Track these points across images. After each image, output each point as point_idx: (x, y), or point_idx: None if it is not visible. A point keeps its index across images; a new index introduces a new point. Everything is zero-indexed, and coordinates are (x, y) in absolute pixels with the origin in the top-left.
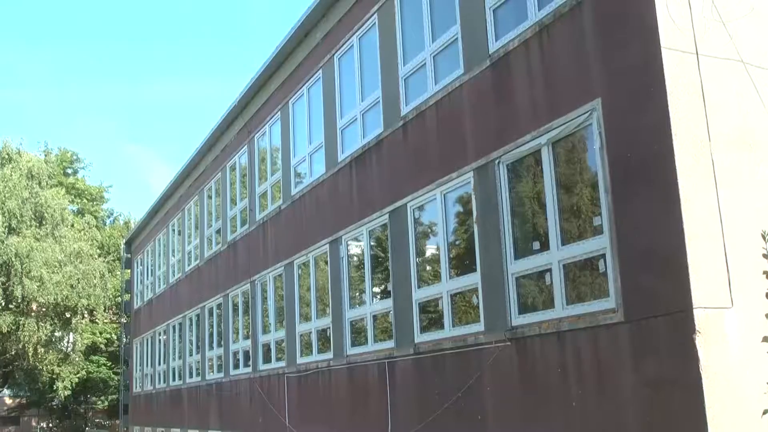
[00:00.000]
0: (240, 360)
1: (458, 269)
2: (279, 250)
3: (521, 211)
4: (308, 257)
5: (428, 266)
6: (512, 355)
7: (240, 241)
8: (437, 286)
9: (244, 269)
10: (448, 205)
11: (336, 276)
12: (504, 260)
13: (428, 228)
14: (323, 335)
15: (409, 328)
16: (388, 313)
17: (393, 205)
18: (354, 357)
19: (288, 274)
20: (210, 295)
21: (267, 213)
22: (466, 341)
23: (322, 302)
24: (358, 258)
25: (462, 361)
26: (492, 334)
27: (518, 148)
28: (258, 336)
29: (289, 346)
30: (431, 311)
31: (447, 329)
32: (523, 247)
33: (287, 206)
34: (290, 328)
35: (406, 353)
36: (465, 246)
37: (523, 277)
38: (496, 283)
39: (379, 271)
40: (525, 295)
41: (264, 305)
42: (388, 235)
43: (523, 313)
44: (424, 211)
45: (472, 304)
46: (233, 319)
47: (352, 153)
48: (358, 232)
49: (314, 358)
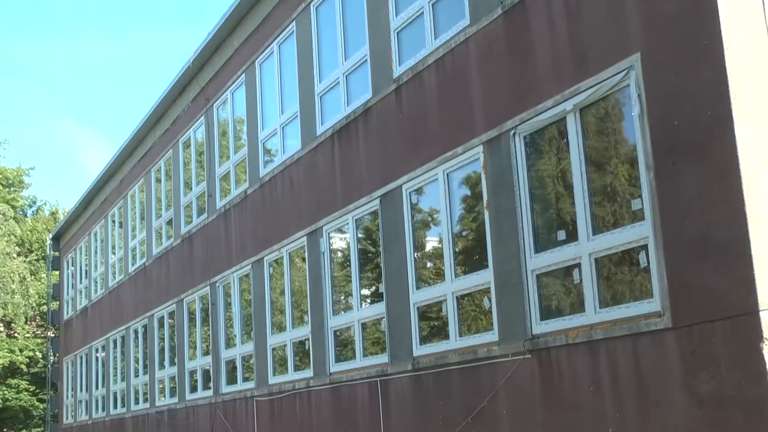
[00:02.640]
0: (198, 381)
1: (466, 266)
2: (245, 244)
3: (543, 194)
4: (282, 253)
5: (429, 262)
6: (533, 370)
7: (197, 234)
8: (440, 286)
9: (202, 269)
10: (453, 187)
11: (316, 275)
12: (522, 254)
13: (428, 215)
14: (301, 349)
15: (406, 339)
16: (380, 321)
17: (385, 187)
18: (339, 375)
19: (257, 273)
20: (160, 301)
21: (230, 199)
22: (477, 354)
23: (299, 308)
24: (342, 253)
25: (471, 379)
26: (508, 344)
27: (538, 116)
28: (220, 351)
29: (258, 363)
30: (433, 318)
31: (453, 339)
32: (546, 237)
33: (255, 191)
34: (260, 340)
35: (403, 369)
36: (474, 237)
37: (546, 275)
38: (512, 283)
39: (369, 269)
40: (548, 296)
41: (228, 313)
42: (380, 225)
43: (547, 318)
44: (423, 194)
45: (483, 309)
46: (189, 330)
47: (334, 124)
48: (343, 222)
49: (290, 377)
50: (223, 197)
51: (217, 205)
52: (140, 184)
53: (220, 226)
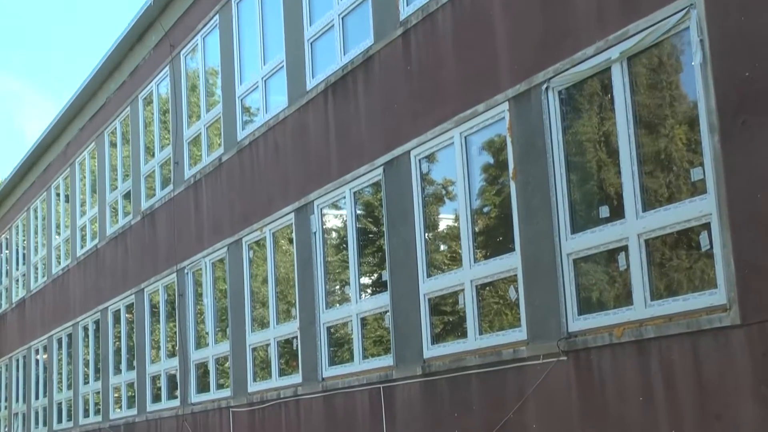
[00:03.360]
0: (162, 389)
1: (487, 249)
2: (220, 222)
3: (581, 162)
4: (264, 233)
5: (442, 245)
6: (569, 375)
7: (161, 209)
8: (456, 273)
9: (167, 252)
10: (472, 153)
11: (306, 260)
12: (556, 235)
13: (442, 188)
14: (287, 349)
15: (415, 338)
16: (383, 315)
17: (389, 153)
18: (334, 381)
19: (234, 258)
20: (116, 292)
21: (201, 167)
22: (501, 356)
23: (284, 300)
24: (338, 233)
25: (494, 386)
26: (539, 344)
27: (576, 67)
28: (189, 352)
29: (236, 367)
30: (447, 311)
31: (471, 338)
32: (585, 214)
33: (231, 157)
34: (238, 339)
35: (411, 374)
36: (497, 214)
37: (585, 260)
38: (544, 269)
39: (370, 253)
40: (588, 286)
41: (198, 306)
42: (383, 199)
43: (586, 313)
44: (437, 162)
45: (508, 301)
46: (152, 327)
47: (328, 77)
48: (338, 195)
49: (274, 384)
50: (192, 165)
51: (185, 174)
52: (91, 149)
53: (189, 201)
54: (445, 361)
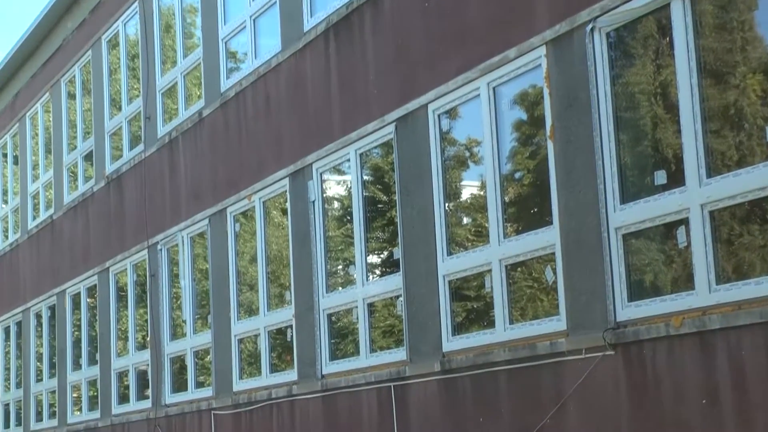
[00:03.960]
0: (131, 387)
1: (519, 222)
2: (200, 189)
3: (633, 119)
4: (253, 202)
5: (465, 217)
6: (617, 372)
7: (129, 174)
8: (482, 251)
9: (137, 225)
10: (501, 106)
11: (302, 235)
12: (602, 205)
13: (465, 149)
14: (280, 340)
15: (433, 327)
16: (394, 300)
17: (403, 107)
18: (335, 378)
19: (217, 232)
20: (75, 272)
21: (177, 123)
22: (536, 349)
23: (277, 281)
24: (341, 203)
25: (527, 386)
26: (581, 336)
27: (628, 3)
28: (163, 343)
29: (219, 362)
30: (471, 297)
31: (500, 328)
32: (637, 181)
33: (214, 112)
34: (221, 328)
35: (428, 371)
36: (532, 181)
37: (637, 236)
38: (587, 247)
39: (379, 226)
40: (640, 266)
41: (174, 288)
42: (395, 162)
43: (637, 299)
44: (459, 118)
45: (543, 285)
46: (118, 314)
47: (329, 16)
48: (341, 157)
49: (264, 382)
50: (167, 121)
51: (158, 132)
52: (44, 101)
53: (163, 163)
54: (468, 355)
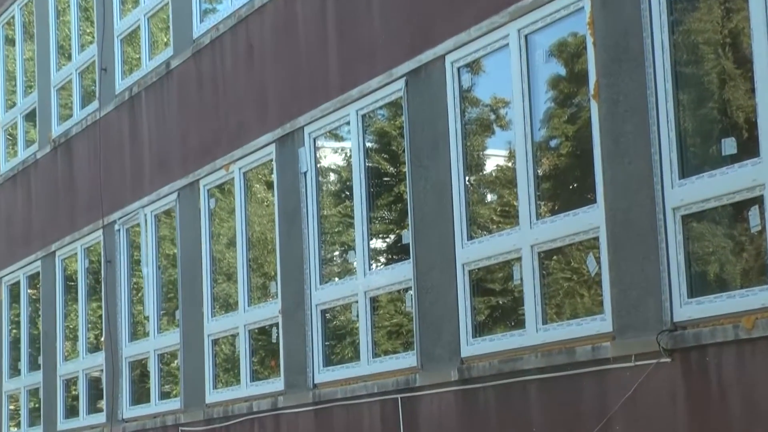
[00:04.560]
0: (81, 398)
1: (555, 200)
2: (168, 156)
3: (695, 75)
4: (231, 172)
5: (489, 193)
6: (675, 383)
7: (80, 137)
8: (510, 235)
9: (89, 199)
10: (535, 58)
11: (291, 213)
12: (657, 180)
13: (490, 110)
14: (263, 342)
15: (450, 327)
16: (402, 294)
17: (415, 59)
18: (330, 388)
19: (187, 209)
20: (13, 256)
21: (140, 77)
22: (574, 355)
23: (260, 270)
24: (338, 175)
25: (564, 398)
26: (630, 339)
27: None
28: (121, 344)
29: (188, 367)
30: (496, 291)
31: (531, 329)
32: (700, 151)
33: (184, 62)
34: (191, 326)
35: (443, 380)
36: (571, 149)
37: (699, 217)
38: (638, 230)
39: (385, 204)
40: (702, 255)
41: (134, 278)
42: (405, 126)
43: (699, 294)
44: (483, 72)
45: (585, 276)
46: (66, 308)
47: None
48: (339, 119)
49: (243, 392)
50: (127, 74)
51: (116, 86)
52: None
53: (123, 125)
54: (492, 361)
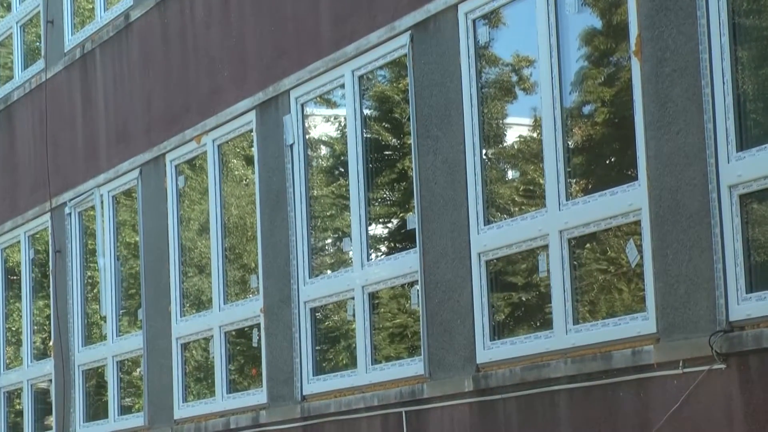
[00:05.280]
0: (27, 412)
1: (589, 178)
2: (127, 125)
3: (757, 27)
4: (204, 146)
5: (510, 170)
6: (731, 393)
7: (23, 103)
8: (534, 219)
9: (35, 177)
10: (564, 9)
11: (275, 194)
12: (710, 154)
13: (512, 70)
14: (243, 347)
15: (463, 328)
16: (407, 289)
17: (422, 8)
18: (322, 401)
19: (150, 188)
20: None
21: (93, 31)
22: (611, 361)
23: (238, 262)
24: (331, 148)
25: (600, 412)
26: (677, 341)
27: None
28: (73, 350)
29: (153, 376)
30: (519, 286)
31: (559, 330)
32: (763, 119)
33: (146, 14)
34: (156, 328)
35: (455, 390)
36: (608, 117)
37: (760, 197)
38: (687, 212)
39: (386, 183)
40: (764, 242)
41: (89, 271)
42: (410, 89)
43: (760, 289)
44: (503, 26)
45: (624, 267)
46: (7, 307)
47: None
48: (332, 81)
49: (219, 406)
50: (78, 27)
51: (65, 42)
52: None
53: (74, 89)
54: (513, 368)
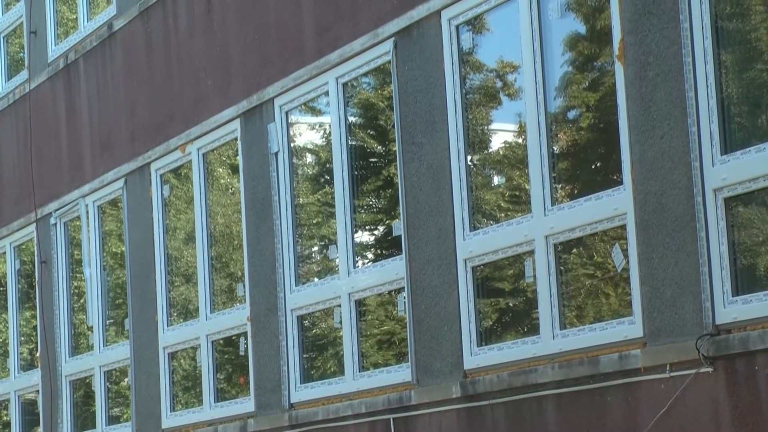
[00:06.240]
0: (14, 423)
1: (574, 182)
2: (111, 135)
3: (741, 30)
4: (189, 155)
5: (496, 175)
6: (717, 397)
7: (6, 114)
8: (520, 224)
9: (19, 188)
10: (548, 13)
11: (260, 202)
12: (694, 157)
13: (496, 76)
14: (230, 356)
15: (450, 335)
16: (394, 296)
17: (405, 15)
18: (309, 408)
19: (136, 198)
20: None
21: (77, 41)
22: (598, 366)
23: (224, 270)
24: (316, 156)
25: (587, 417)
26: (664, 345)
27: None
28: (60, 361)
29: (141, 386)
30: (505, 291)
31: (546, 335)
32: (748, 122)
33: (130, 23)
34: (144, 337)
35: (443, 397)
36: (593, 122)
37: (746, 201)
38: (672, 216)
39: (372, 190)
40: (750, 246)
41: (75, 280)
42: (394, 96)
43: (746, 292)
44: (487, 31)
45: (610, 271)
46: None
47: None
48: (316, 89)
49: (207, 415)
50: (61, 37)
51: (49, 53)
52: None
53: (58, 99)
54: (500, 374)
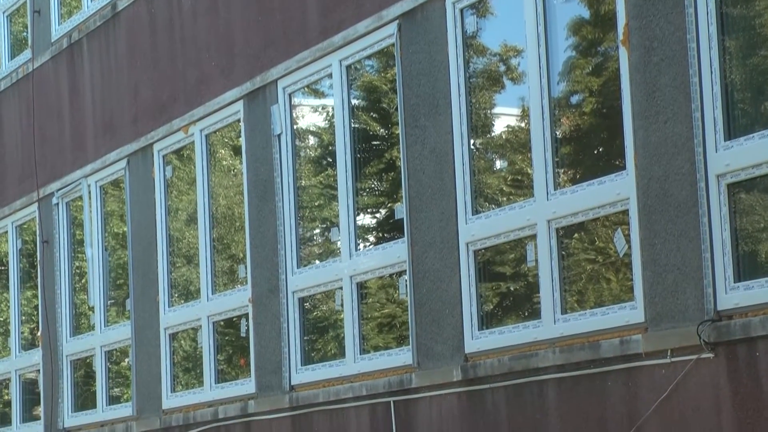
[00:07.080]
0: (15, 403)
1: (577, 167)
2: (114, 116)
3: (746, 16)
4: (191, 136)
5: (498, 160)
6: (719, 382)
7: (9, 93)
8: (523, 209)
9: (21, 168)
10: (551, 0)
11: (263, 184)
12: (697, 143)
13: (500, 60)
14: (231, 337)
15: (451, 318)
16: (395, 278)
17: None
18: (310, 390)
19: (138, 179)
20: None
21: (81, 20)
22: (599, 350)
23: (226, 251)
24: (319, 138)
25: (587, 401)
26: (665, 331)
27: None
28: (61, 340)
29: (142, 366)
30: (507, 274)
31: (547, 319)
32: (751, 108)
33: (134, 3)
34: (145, 318)
35: (444, 380)
36: (596, 106)
37: (749, 187)
38: (675, 201)
39: (374, 173)
40: (753, 232)
41: (76, 260)
42: (398, 79)
43: (749, 278)
44: (491, 15)
45: (612, 257)
46: None
47: None
48: (320, 71)
49: (207, 396)
50: (65, 17)
51: (52, 32)
52: None
53: (61, 79)
54: (501, 358)
